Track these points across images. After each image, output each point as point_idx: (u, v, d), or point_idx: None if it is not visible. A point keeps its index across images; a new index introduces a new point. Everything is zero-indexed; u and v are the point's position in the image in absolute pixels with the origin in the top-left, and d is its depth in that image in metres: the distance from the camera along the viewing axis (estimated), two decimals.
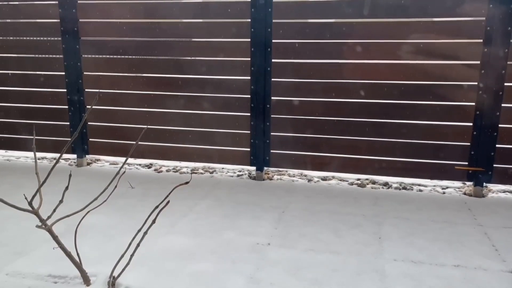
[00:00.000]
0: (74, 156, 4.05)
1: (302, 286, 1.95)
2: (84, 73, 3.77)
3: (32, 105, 3.95)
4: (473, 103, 3.12)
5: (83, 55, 3.74)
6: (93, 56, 3.73)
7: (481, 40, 3.03)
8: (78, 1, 3.65)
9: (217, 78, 3.52)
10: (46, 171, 2.06)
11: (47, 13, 3.73)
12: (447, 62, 3.11)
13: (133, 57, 3.64)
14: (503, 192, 3.35)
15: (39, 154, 4.32)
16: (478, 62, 3.06)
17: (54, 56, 3.80)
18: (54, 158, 4.28)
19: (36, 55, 3.85)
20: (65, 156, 4.24)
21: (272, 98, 3.44)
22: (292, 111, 3.43)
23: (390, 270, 2.10)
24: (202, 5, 3.43)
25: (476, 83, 3.09)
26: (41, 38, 3.79)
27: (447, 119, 3.19)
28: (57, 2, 3.68)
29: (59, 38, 3.74)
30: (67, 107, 3.87)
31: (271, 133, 3.51)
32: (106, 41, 3.67)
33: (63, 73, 3.80)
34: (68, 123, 3.90)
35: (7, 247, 2.30)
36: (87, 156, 4.04)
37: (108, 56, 3.70)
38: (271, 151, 3.54)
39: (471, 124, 3.16)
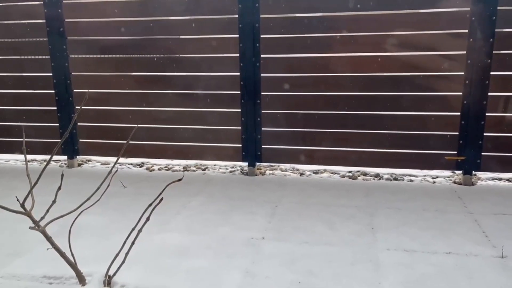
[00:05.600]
0: (65, 157, 4.02)
1: (298, 278, 1.97)
2: (72, 73, 3.74)
3: (20, 107, 3.90)
4: (460, 93, 3.17)
5: (70, 55, 3.71)
6: (80, 56, 3.70)
7: (467, 31, 3.07)
8: (64, 1, 3.61)
9: (207, 75, 3.52)
10: (37, 173, 2.05)
11: (32, 14, 3.68)
12: (432, 53, 3.14)
13: (121, 56, 3.62)
14: (492, 179, 3.41)
15: (29, 157, 4.27)
16: (464, 52, 3.10)
17: (40, 57, 3.76)
18: (44, 160, 4.24)
19: (22, 57, 3.80)
20: (55, 157, 4.21)
21: (262, 93, 3.45)
22: (283, 106, 3.45)
23: (384, 259, 2.13)
24: (189, 1, 3.42)
25: (462, 73, 3.13)
26: (27, 39, 3.75)
27: (435, 110, 3.23)
28: (42, 2, 3.64)
29: (45, 39, 3.70)
30: (55, 108, 3.83)
31: (262, 129, 3.52)
32: (93, 40, 3.64)
33: (51, 74, 3.76)
34: (57, 124, 3.87)
35: (1, 250, 2.29)
36: (77, 157, 4.02)
37: (96, 56, 3.67)
38: (263, 146, 3.55)
39: (458, 113, 3.21)
